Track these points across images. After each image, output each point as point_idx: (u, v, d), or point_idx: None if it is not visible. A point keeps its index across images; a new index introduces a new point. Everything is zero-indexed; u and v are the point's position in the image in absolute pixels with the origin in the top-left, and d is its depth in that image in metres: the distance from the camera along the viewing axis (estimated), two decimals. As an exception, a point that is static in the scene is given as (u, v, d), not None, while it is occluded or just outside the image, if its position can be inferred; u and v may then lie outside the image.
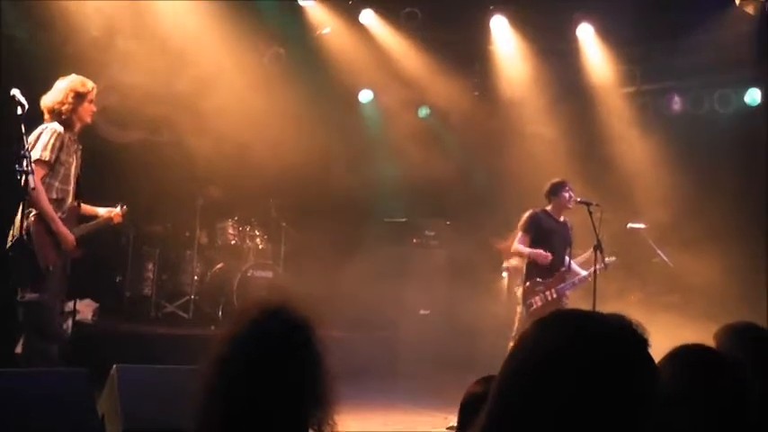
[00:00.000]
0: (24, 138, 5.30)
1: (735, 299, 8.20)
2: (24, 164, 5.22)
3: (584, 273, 7.70)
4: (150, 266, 9.49)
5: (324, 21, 9.94)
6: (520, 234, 7.86)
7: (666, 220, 9.11)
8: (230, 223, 9.83)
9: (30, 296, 5.46)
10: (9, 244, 5.49)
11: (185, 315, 9.36)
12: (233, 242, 9.81)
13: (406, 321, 9.76)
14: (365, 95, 11.09)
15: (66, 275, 5.78)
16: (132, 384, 4.49)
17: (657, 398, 1.26)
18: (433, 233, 10.86)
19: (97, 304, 8.64)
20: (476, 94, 10.99)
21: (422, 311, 10.21)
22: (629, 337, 1.28)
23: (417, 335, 9.37)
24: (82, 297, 8.02)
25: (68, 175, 5.69)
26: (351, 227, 10.52)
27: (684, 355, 1.80)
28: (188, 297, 9.46)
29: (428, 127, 11.34)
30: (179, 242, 9.77)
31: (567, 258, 7.80)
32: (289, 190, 10.10)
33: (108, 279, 9.42)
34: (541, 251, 7.60)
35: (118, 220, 6.23)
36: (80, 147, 5.86)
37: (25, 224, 5.40)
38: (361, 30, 10.10)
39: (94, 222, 6.06)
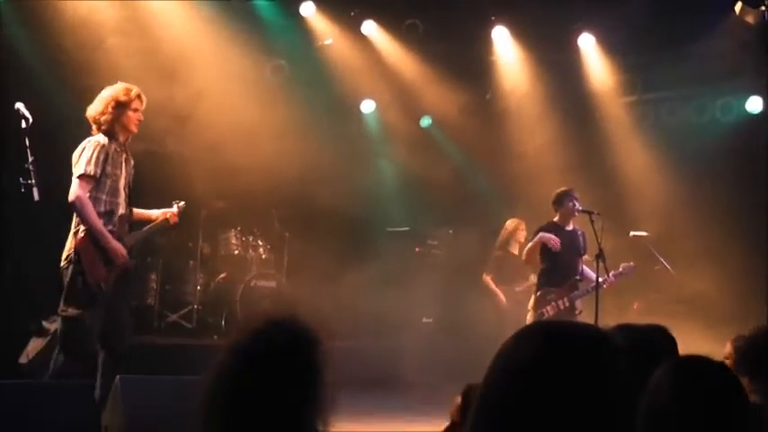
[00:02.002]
0: (28, 151, 5.27)
1: (738, 307, 8.20)
2: (29, 177, 5.19)
3: (600, 279, 7.40)
4: (153, 277, 9.50)
5: (325, 32, 9.96)
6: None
7: (666, 228, 9.10)
8: (233, 233, 9.85)
9: (72, 312, 5.29)
10: (63, 263, 5.37)
11: (188, 325, 9.38)
12: (236, 252, 9.82)
13: (409, 330, 9.75)
14: (367, 106, 11.10)
15: (126, 290, 5.70)
16: (135, 395, 4.50)
17: (631, 406, 1.31)
18: (435, 242, 10.87)
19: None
20: (487, 96, 10.97)
21: (424, 320, 10.20)
22: (601, 348, 1.33)
23: (420, 343, 9.35)
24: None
25: (116, 188, 5.53)
26: (353, 236, 10.54)
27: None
28: (191, 307, 9.48)
29: (430, 136, 11.37)
30: (182, 252, 9.79)
31: (580, 266, 7.75)
32: (291, 200, 10.12)
33: (111, 289, 9.41)
34: (550, 235, 7.51)
35: (174, 220, 5.98)
36: (130, 156, 5.74)
37: (74, 242, 5.33)
38: (363, 41, 10.13)
39: (148, 228, 5.91)
